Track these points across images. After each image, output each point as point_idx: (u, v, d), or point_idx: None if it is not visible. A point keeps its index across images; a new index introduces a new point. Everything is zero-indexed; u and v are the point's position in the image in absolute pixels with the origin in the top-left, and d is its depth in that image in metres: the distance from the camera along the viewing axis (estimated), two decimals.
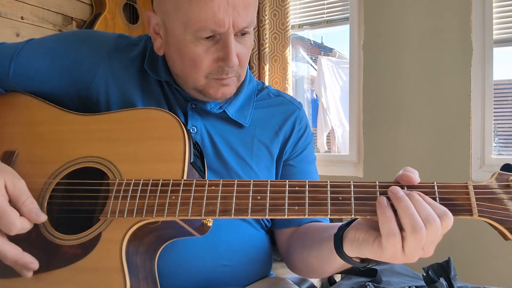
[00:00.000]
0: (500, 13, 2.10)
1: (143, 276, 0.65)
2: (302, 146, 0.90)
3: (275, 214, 0.58)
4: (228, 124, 0.84)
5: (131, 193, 0.64)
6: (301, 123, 0.90)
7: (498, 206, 0.55)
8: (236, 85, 0.80)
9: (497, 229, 0.56)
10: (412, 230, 0.52)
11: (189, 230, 0.67)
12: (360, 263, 0.63)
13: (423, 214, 0.53)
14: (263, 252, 0.86)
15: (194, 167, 0.69)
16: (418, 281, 1.52)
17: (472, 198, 0.56)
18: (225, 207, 0.60)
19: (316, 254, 0.74)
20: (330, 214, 0.57)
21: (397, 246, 0.53)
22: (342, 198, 0.58)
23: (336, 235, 0.63)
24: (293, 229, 0.85)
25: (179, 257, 0.75)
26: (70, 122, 0.75)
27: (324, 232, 0.74)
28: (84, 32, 0.88)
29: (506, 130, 2.34)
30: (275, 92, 0.93)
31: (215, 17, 0.67)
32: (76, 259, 0.63)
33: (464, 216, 0.55)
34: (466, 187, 0.56)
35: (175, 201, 0.62)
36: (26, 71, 0.80)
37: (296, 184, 0.60)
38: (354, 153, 2.44)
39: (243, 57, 0.75)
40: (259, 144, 0.85)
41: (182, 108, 0.82)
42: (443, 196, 0.56)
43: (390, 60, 2.29)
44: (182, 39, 0.71)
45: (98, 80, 0.80)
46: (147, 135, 0.69)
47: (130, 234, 0.63)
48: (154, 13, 0.76)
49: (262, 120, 0.87)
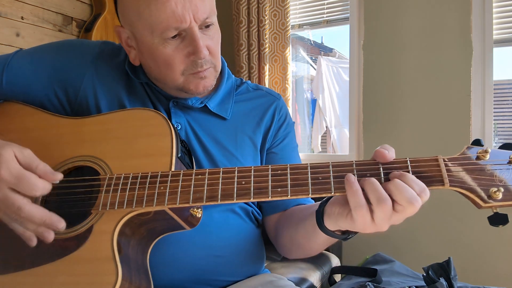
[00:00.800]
0: (500, 13, 2.10)
1: (135, 267, 0.66)
2: (283, 135, 0.93)
3: (259, 196, 0.62)
4: (210, 117, 0.87)
5: (121, 186, 0.66)
6: (281, 113, 0.94)
7: (468, 176, 0.58)
8: (215, 76, 0.82)
9: (469, 197, 0.58)
10: (377, 202, 0.56)
11: (179, 222, 0.69)
12: (341, 235, 0.68)
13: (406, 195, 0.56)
14: (254, 243, 0.88)
15: (182, 162, 0.72)
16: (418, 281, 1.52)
17: (443, 169, 0.59)
18: (212, 194, 0.63)
19: (302, 232, 0.77)
20: (311, 194, 0.61)
21: (366, 217, 0.57)
22: (322, 178, 0.61)
23: (318, 211, 0.67)
24: (280, 213, 0.88)
25: (171, 249, 0.77)
26: (62, 126, 0.77)
27: (307, 210, 0.78)
28: (70, 41, 0.92)
29: (506, 130, 2.34)
30: (253, 86, 0.97)
31: (175, 15, 0.71)
32: (69, 252, 0.65)
33: (437, 187, 0.58)
34: (436, 159, 0.60)
35: (163, 191, 0.64)
36: (18, 79, 0.83)
37: (278, 168, 0.63)
38: (354, 153, 2.44)
39: (213, 48, 0.78)
40: (242, 135, 0.88)
41: (164, 106, 0.85)
42: (416, 169, 0.59)
43: (390, 60, 2.30)
44: (151, 44, 0.75)
45: (86, 86, 0.83)
46: (136, 133, 0.72)
47: (121, 225, 0.65)
48: (122, 27, 0.80)
49: (243, 113, 0.90)
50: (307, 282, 1.72)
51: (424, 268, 1.38)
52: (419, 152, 2.20)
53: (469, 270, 1.97)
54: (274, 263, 1.81)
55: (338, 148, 3.69)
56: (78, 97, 0.83)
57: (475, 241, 2.04)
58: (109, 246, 0.63)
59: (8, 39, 2.09)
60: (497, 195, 0.56)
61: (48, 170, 0.64)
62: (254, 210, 0.89)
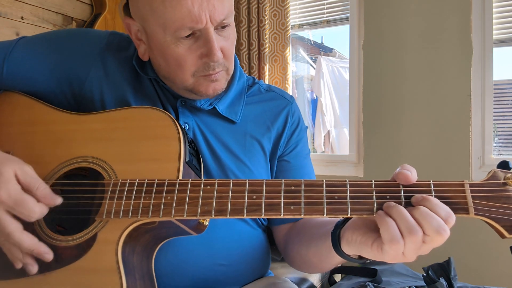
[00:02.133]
0: (500, 13, 2.09)
1: (140, 276, 0.64)
2: (296, 141, 0.89)
3: (270, 213, 0.58)
4: (219, 120, 0.83)
5: (126, 193, 0.63)
6: (294, 117, 0.89)
7: (494, 204, 0.55)
8: (226, 79, 0.79)
9: (493, 227, 0.56)
10: (408, 233, 0.52)
11: (185, 230, 0.67)
12: (358, 259, 0.63)
13: (434, 223, 0.53)
14: (260, 250, 0.86)
15: (190, 166, 0.69)
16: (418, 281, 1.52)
17: (468, 197, 0.55)
18: (220, 207, 0.60)
19: (314, 251, 0.74)
20: (326, 214, 0.57)
21: (398, 251, 0.53)
22: (338, 198, 0.57)
23: (333, 233, 0.63)
24: (290, 225, 0.85)
25: (176, 257, 0.75)
26: (65, 122, 0.74)
27: (320, 228, 0.74)
28: (76, 30, 0.88)
29: (506, 130, 2.34)
30: (266, 87, 0.92)
31: (191, 14, 0.66)
32: (72, 260, 0.63)
33: (461, 215, 0.55)
34: (462, 185, 0.56)
35: (170, 201, 0.61)
36: (19, 69, 0.79)
37: (291, 184, 0.60)
38: (354, 153, 2.44)
39: (227, 50, 0.74)
40: (251, 140, 0.84)
41: (172, 105, 0.81)
42: (440, 194, 0.56)
43: (390, 60, 2.29)
44: (163, 41, 0.71)
45: (92, 79, 0.79)
46: (142, 135, 0.69)
47: (126, 235, 0.62)
48: (133, 20, 0.75)
49: (253, 115, 0.86)
50: (307, 282, 1.72)
51: (424, 268, 1.38)
52: (419, 152, 2.20)
53: (469, 270, 1.97)
54: (274, 263, 1.80)
55: (337, 148, 3.69)
56: (83, 90, 0.79)
57: (475, 241, 2.04)
58: (113, 256, 0.61)
59: (8, 39, 2.09)
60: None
61: (48, 193, 0.62)
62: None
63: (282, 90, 0.94)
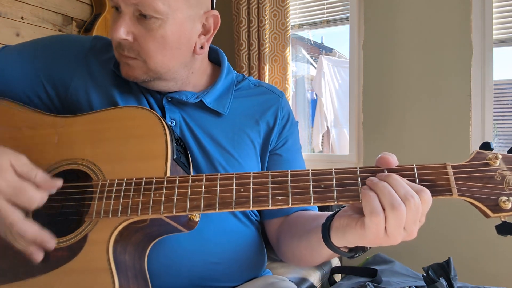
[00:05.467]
0: (500, 13, 2.10)
1: (133, 275, 0.65)
2: (287, 135, 0.89)
3: (259, 205, 0.59)
4: (206, 113, 0.83)
5: (115, 193, 0.64)
6: (283, 112, 0.90)
7: (477, 185, 0.56)
8: (144, 72, 0.76)
9: (477, 207, 0.56)
10: (391, 207, 0.53)
11: (176, 227, 0.67)
12: (348, 252, 0.64)
13: (401, 192, 0.54)
14: (253, 248, 0.86)
15: (178, 163, 0.69)
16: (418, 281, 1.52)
17: (451, 178, 0.56)
18: (209, 201, 0.61)
19: (305, 244, 0.74)
20: (313, 202, 0.58)
21: (379, 225, 0.53)
22: (325, 186, 0.58)
23: (324, 225, 0.64)
24: (282, 219, 0.85)
25: (168, 256, 0.75)
26: (51, 125, 0.74)
27: (312, 222, 0.75)
28: (59, 36, 0.89)
29: (506, 130, 2.34)
30: (255, 82, 0.92)
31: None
32: (64, 262, 0.63)
33: (445, 196, 0.56)
34: (445, 167, 0.57)
35: (159, 198, 0.62)
36: (3, 76, 0.80)
37: (278, 175, 0.60)
38: (354, 153, 2.44)
39: (141, 39, 0.73)
40: (240, 133, 0.84)
41: (157, 102, 0.82)
42: (423, 177, 0.57)
43: (390, 60, 2.29)
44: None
45: (77, 82, 0.81)
46: (128, 134, 0.69)
47: (116, 234, 0.63)
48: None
49: (242, 109, 0.86)
50: (307, 282, 1.72)
51: (424, 268, 1.38)
52: (419, 152, 2.20)
53: (469, 270, 1.97)
54: (273, 263, 1.81)
55: (337, 148, 3.69)
56: (69, 93, 0.80)
57: (475, 241, 2.04)
58: (104, 256, 0.61)
59: (8, 39, 2.09)
60: (506, 205, 0.54)
61: (47, 179, 0.62)
62: (253, 211, 0.87)
63: (271, 85, 0.95)
